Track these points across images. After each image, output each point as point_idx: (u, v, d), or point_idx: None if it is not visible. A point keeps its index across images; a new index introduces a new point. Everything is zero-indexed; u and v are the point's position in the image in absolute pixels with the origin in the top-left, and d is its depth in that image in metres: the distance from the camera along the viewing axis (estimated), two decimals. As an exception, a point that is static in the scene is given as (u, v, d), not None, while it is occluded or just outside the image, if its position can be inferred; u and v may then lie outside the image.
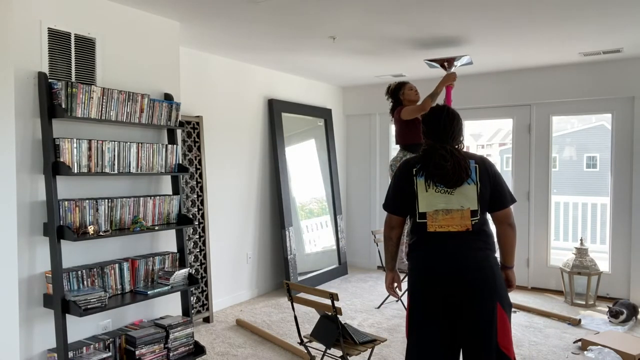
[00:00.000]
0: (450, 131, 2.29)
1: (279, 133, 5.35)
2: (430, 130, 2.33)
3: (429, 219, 2.21)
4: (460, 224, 2.17)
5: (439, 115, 2.32)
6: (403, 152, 4.42)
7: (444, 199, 2.19)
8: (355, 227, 6.72)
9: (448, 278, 2.15)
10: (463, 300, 2.14)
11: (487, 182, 2.23)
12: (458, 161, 2.19)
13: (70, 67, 2.90)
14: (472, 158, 2.26)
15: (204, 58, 4.55)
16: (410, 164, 2.30)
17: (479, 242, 2.19)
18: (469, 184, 2.19)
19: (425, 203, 2.22)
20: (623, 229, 4.96)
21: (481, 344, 2.13)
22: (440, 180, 2.19)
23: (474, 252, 2.17)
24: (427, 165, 2.22)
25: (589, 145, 9.05)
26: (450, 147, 2.24)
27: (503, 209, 2.27)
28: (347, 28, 3.75)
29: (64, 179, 2.87)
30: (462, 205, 2.18)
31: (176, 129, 3.47)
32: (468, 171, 2.19)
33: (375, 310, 4.70)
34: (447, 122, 2.29)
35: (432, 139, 2.31)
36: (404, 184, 2.29)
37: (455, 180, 2.18)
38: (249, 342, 3.88)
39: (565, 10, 3.34)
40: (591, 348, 3.56)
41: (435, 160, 2.20)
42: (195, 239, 4.36)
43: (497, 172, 2.29)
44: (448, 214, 2.18)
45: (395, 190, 2.34)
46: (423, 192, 2.22)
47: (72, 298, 2.68)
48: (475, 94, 5.67)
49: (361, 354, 2.96)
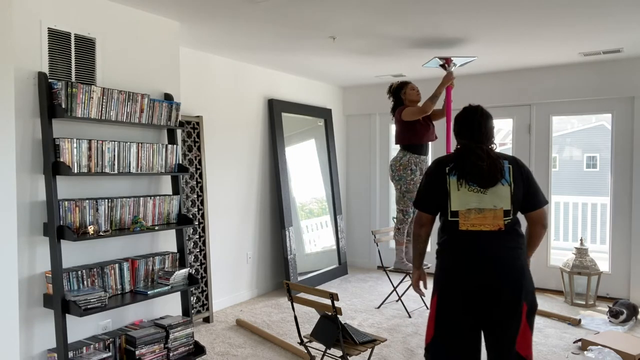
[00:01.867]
0: (485, 131, 2.31)
1: (279, 133, 5.35)
2: (464, 130, 2.34)
3: (461, 218, 2.22)
4: (492, 223, 2.18)
5: (473, 114, 2.33)
6: (403, 152, 4.43)
7: (477, 198, 2.21)
8: (355, 227, 6.72)
9: (478, 277, 2.17)
10: (491, 300, 2.16)
11: (521, 183, 2.24)
12: (494, 162, 2.20)
13: (70, 67, 2.90)
14: (505, 158, 2.27)
15: (204, 58, 4.55)
16: (443, 162, 2.31)
17: (511, 241, 2.19)
18: (503, 185, 2.20)
19: (457, 202, 2.23)
20: (623, 229, 4.96)
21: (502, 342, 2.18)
22: (474, 179, 2.21)
23: (506, 251, 2.18)
24: (462, 165, 2.23)
25: (589, 145, 9.04)
26: (486, 147, 2.26)
27: (537, 209, 2.28)
28: (347, 28, 3.75)
29: (64, 179, 2.87)
30: (495, 204, 2.19)
31: (176, 129, 3.47)
32: (502, 172, 2.21)
33: (375, 310, 4.69)
34: (482, 121, 2.31)
35: (467, 138, 2.32)
36: (436, 182, 2.29)
37: (490, 181, 2.19)
38: (249, 342, 3.88)
39: (566, 10, 3.34)
40: (591, 348, 3.56)
41: (472, 159, 2.21)
42: (195, 239, 4.36)
43: (530, 172, 2.30)
44: (480, 212, 2.20)
45: (427, 188, 2.35)
46: (455, 190, 2.23)
47: (72, 298, 2.68)
48: (475, 94, 5.67)
49: (361, 354, 2.96)
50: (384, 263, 5.27)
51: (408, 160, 4.35)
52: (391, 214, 6.43)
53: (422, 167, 4.42)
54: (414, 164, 4.35)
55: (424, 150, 4.42)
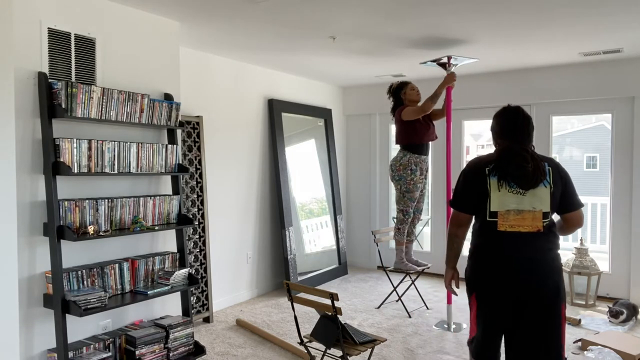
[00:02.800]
0: (527, 132, 2.32)
1: (279, 133, 5.35)
2: (506, 131, 2.34)
3: (500, 218, 2.23)
4: (531, 224, 2.20)
5: (516, 116, 2.34)
6: (403, 152, 4.42)
7: (516, 199, 2.22)
8: (355, 227, 6.72)
9: (517, 277, 2.20)
10: (530, 300, 2.19)
11: (560, 185, 2.26)
12: (538, 164, 2.21)
13: (70, 67, 2.90)
14: (545, 161, 2.28)
15: (204, 58, 4.55)
16: (483, 163, 2.31)
17: (548, 243, 2.22)
18: (545, 187, 2.22)
19: (497, 202, 2.24)
20: (623, 229, 4.96)
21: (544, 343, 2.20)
22: (516, 181, 2.21)
23: (544, 253, 2.21)
24: (505, 166, 2.23)
25: (589, 145, 9.04)
26: (530, 149, 2.27)
27: (575, 211, 2.30)
28: (347, 28, 3.75)
29: (64, 179, 2.87)
30: (534, 206, 2.20)
31: (176, 129, 3.47)
32: (545, 174, 2.22)
33: (375, 310, 4.69)
34: (525, 123, 2.32)
35: (509, 139, 2.32)
36: (476, 183, 2.30)
37: (533, 182, 2.20)
38: (249, 342, 3.88)
39: (566, 11, 3.34)
40: (591, 348, 3.56)
41: (517, 161, 2.20)
42: (195, 239, 4.36)
43: (568, 174, 2.32)
44: (519, 214, 2.21)
45: (466, 188, 2.35)
46: (496, 191, 2.24)
47: (72, 298, 2.68)
48: (475, 94, 5.67)
49: (361, 354, 2.96)
50: (384, 263, 5.27)
51: (408, 160, 4.35)
52: (391, 214, 6.43)
53: (422, 167, 4.41)
54: (414, 163, 4.35)
55: (424, 150, 4.42)
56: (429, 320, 4.40)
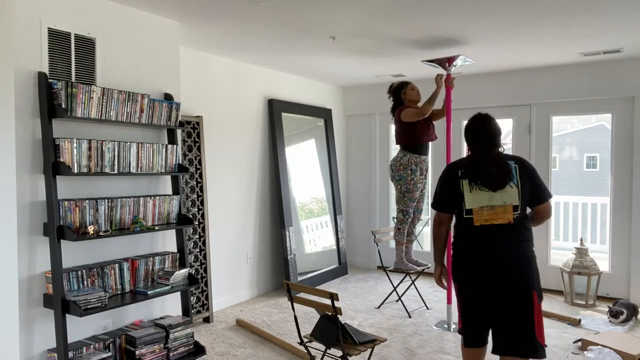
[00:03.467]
0: (493, 139, 2.54)
1: (279, 133, 5.35)
2: (474, 139, 2.58)
3: (475, 215, 2.48)
4: (503, 217, 2.44)
5: (481, 125, 2.57)
6: (403, 152, 4.42)
7: (488, 197, 2.46)
8: (355, 227, 6.72)
9: (492, 266, 2.44)
10: (504, 286, 2.43)
11: (527, 181, 2.48)
12: (502, 167, 2.45)
13: (70, 67, 2.90)
14: (512, 159, 2.51)
15: (204, 58, 4.55)
16: (455, 167, 2.58)
17: (519, 234, 2.46)
18: (511, 187, 2.45)
19: (471, 201, 2.49)
20: (623, 229, 4.96)
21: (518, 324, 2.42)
22: (484, 183, 2.46)
23: (515, 243, 2.45)
24: (473, 170, 2.49)
25: (589, 145, 9.04)
26: (494, 155, 2.50)
27: (543, 203, 2.53)
28: (347, 28, 3.75)
29: (64, 179, 2.87)
30: (505, 201, 2.44)
31: (176, 129, 3.47)
32: (510, 175, 2.45)
33: (375, 310, 4.69)
34: (489, 129, 2.55)
35: (476, 147, 2.56)
36: (451, 185, 2.56)
37: (499, 184, 2.44)
38: (249, 342, 3.88)
39: (565, 10, 3.34)
40: (591, 348, 3.56)
41: (482, 167, 2.47)
42: (195, 239, 4.36)
43: (534, 169, 2.55)
44: (492, 209, 2.46)
45: (443, 191, 2.61)
46: (468, 192, 2.50)
47: (72, 298, 2.68)
48: (475, 94, 5.67)
49: (361, 354, 2.96)
50: (384, 263, 5.27)
51: (408, 160, 4.35)
52: (391, 214, 6.43)
53: (422, 167, 4.41)
54: (414, 163, 4.35)
55: (424, 150, 4.42)
56: (429, 320, 4.40)
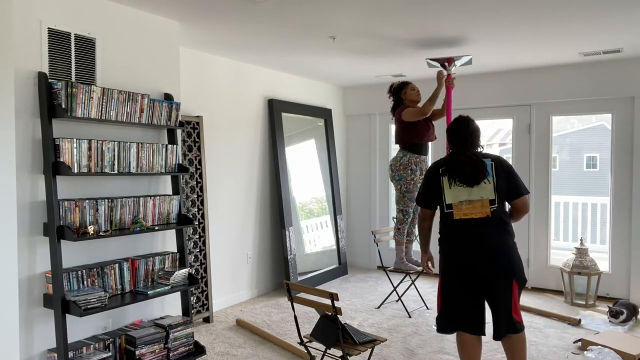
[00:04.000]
0: (470, 140, 2.77)
1: (279, 133, 5.35)
2: (453, 140, 2.82)
3: (454, 209, 2.69)
4: (481, 211, 2.64)
5: (460, 127, 2.80)
6: (403, 151, 4.43)
7: (466, 192, 2.68)
8: (355, 227, 6.72)
9: (472, 257, 2.64)
10: (485, 275, 2.63)
11: (503, 176, 2.69)
12: (476, 165, 2.67)
13: (70, 67, 2.90)
14: (488, 157, 2.73)
15: (204, 58, 4.55)
16: (437, 165, 2.81)
17: (497, 227, 2.65)
18: (486, 183, 2.66)
19: (450, 196, 2.71)
20: (623, 229, 4.96)
21: (498, 311, 2.65)
22: (461, 179, 2.67)
23: (493, 235, 2.64)
24: (451, 168, 2.72)
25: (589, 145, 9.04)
26: (469, 154, 2.72)
27: (519, 198, 2.72)
28: (347, 28, 3.75)
29: (64, 179, 2.87)
30: (482, 196, 2.65)
31: (176, 129, 3.47)
32: (484, 172, 2.66)
33: (375, 310, 4.70)
34: (468, 131, 2.78)
35: (455, 146, 2.80)
36: (432, 182, 2.79)
37: (473, 180, 2.66)
38: (249, 342, 3.88)
39: (565, 10, 3.34)
40: (591, 348, 3.56)
41: (459, 164, 2.69)
42: (195, 239, 4.36)
43: (511, 167, 2.77)
44: (470, 203, 2.66)
45: (426, 187, 2.84)
46: (448, 188, 2.72)
47: (72, 298, 2.68)
48: (475, 94, 5.67)
49: (361, 354, 2.96)
50: (384, 263, 5.27)
51: (408, 160, 4.35)
52: (391, 214, 6.43)
53: (422, 167, 4.41)
54: (414, 163, 4.35)
55: (424, 150, 4.42)
56: (429, 320, 4.40)
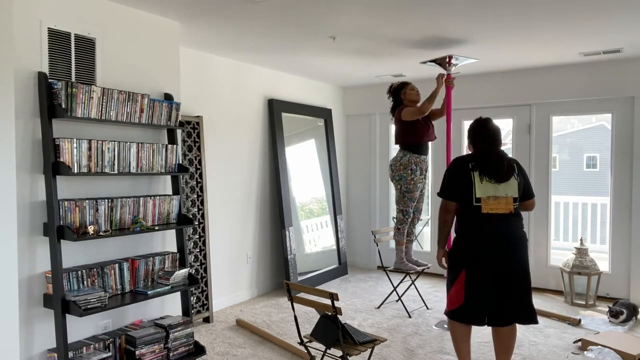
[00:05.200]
0: (498, 140, 2.96)
1: (279, 133, 5.35)
2: (481, 137, 2.97)
3: (483, 203, 2.85)
4: (505, 207, 2.84)
5: (487, 126, 2.99)
6: (403, 151, 4.43)
7: (494, 189, 2.86)
8: (355, 227, 6.72)
9: (496, 247, 2.82)
10: (506, 265, 2.82)
11: (522, 179, 2.94)
12: (509, 163, 2.90)
13: (70, 67, 2.90)
14: (512, 160, 2.95)
15: (204, 58, 4.55)
16: (465, 161, 2.94)
17: (518, 222, 2.90)
18: (515, 179, 2.88)
19: (480, 190, 2.86)
20: (623, 229, 4.96)
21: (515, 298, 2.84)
22: (493, 175, 2.84)
23: (514, 229, 2.87)
24: (484, 164, 2.87)
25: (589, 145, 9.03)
26: (501, 151, 2.93)
27: (531, 199, 3.01)
28: (347, 28, 3.75)
29: (64, 179, 2.87)
30: (507, 193, 2.86)
31: (176, 129, 3.47)
32: (514, 170, 2.90)
33: (375, 310, 4.70)
34: (496, 131, 2.97)
35: (484, 144, 2.95)
36: (462, 176, 2.90)
37: (506, 176, 2.86)
38: (249, 342, 3.88)
39: (565, 10, 3.34)
40: (591, 348, 3.56)
41: (494, 160, 2.87)
42: (195, 239, 4.36)
43: (526, 172, 3.04)
44: (496, 199, 2.85)
45: (453, 181, 2.96)
46: (479, 182, 2.86)
47: (72, 298, 2.68)
48: (475, 94, 5.67)
49: (361, 354, 2.96)
50: (384, 263, 5.27)
51: (408, 160, 4.35)
52: (391, 214, 6.43)
53: (422, 167, 4.41)
54: (414, 163, 4.35)
55: (424, 150, 4.42)
56: (429, 320, 4.40)
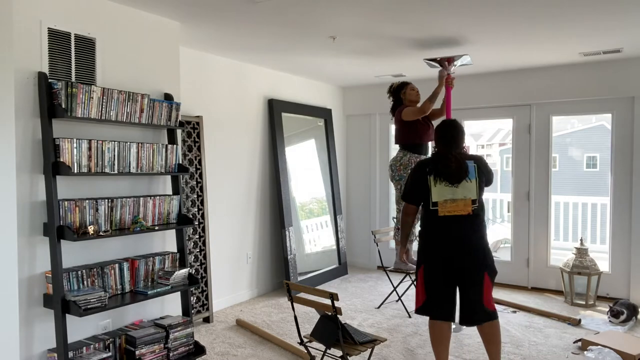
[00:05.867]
0: (455, 141, 2.99)
1: (279, 133, 5.35)
2: (441, 140, 3.02)
3: (439, 207, 2.90)
4: (463, 209, 2.88)
5: (447, 128, 3.03)
6: (403, 151, 4.42)
7: (451, 191, 2.89)
8: (355, 227, 6.72)
9: (452, 250, 2.88)
10: (462, 266, 2.88)
11: (483, 177, 2.98)
12: (460, 165, 2.89)
13: (70, 67, 2.90)
14: (470, 159, 2.97)
15: (204, 58, 4.56)
16: (424, 164, 3.00)
17: (476, 224, 2.92)
18: (468, 181, 2.89)
19: (436, 194, 2.91)
20: (623, 229, 4.96)
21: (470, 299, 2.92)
22: (446, 177, 2.88)
23: (472, 232, 2.90)
24: (436, 167, 2.93)
25: (589, 145, 9.04)
26: (454, 153, 2.94)
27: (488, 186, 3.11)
28: (347, 28, 3.75)
29: (64, 179, 2.87)
30: (465, 195, 2.88)
31: (176, 129, 3.47)
32: (467, 172, 2.90)
33: (375, 310, 4.70)
34: (454, 134, 2.99)
35: (442, 146, 3.00)
36: (420, 180, 2.97)
37: (457, 179, 2.88)
38: (249, 342, 3.88)
39: (565, 10, 3.34)
40: (591, 348, 3.56)
41: (443, 163, 2.91)
42: (195, 239, 4.36)
43: (491, 170, 3.07)
44: (454, 202, 2.88)
45: (412, 185, 3.03)
46: (434, 186, 2.92)
47: (72, 298, 2.68)
48: (475, 94, 5.67)
49: (361, 354, 2.96)
50: (384, 263, 5.27)
51: (408, 160, 4.35)
52: (391, 214, 6.43)
53: (422, 167, 4.41)
54: (414, 163, 4.34)
55: (424, 150, 4.42)
56: (428, 321, 4.40)
